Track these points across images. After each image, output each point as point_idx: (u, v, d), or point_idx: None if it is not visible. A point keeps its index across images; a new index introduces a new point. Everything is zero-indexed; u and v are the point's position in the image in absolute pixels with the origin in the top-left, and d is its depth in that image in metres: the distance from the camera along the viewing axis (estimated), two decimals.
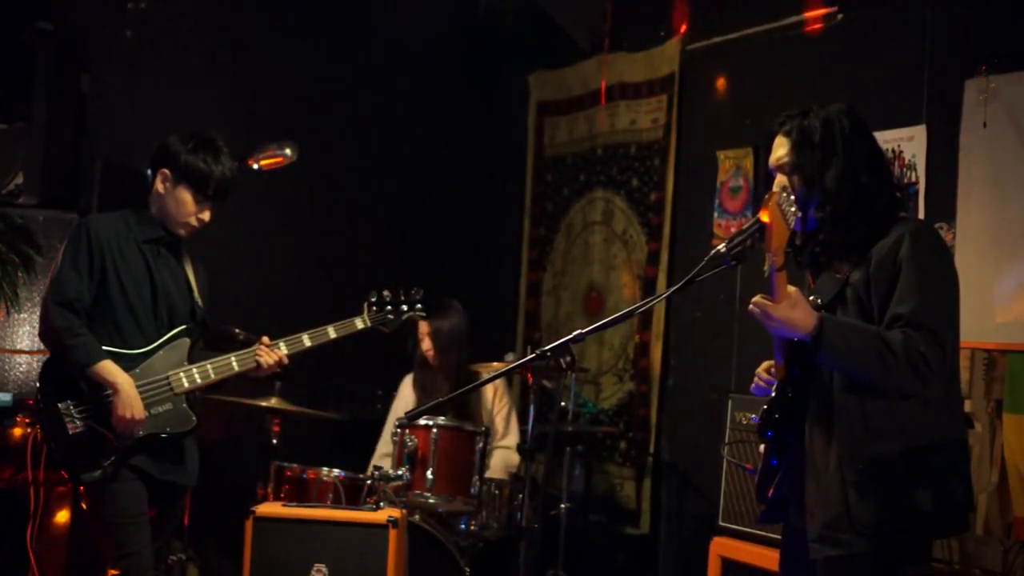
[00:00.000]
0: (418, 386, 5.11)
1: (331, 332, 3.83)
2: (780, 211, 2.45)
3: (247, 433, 5.02)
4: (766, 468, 2.76)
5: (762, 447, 2.76)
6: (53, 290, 3.48)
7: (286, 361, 3.72)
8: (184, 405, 3.57)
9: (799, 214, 2.54)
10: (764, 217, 2.46)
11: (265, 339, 3.73)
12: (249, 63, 5.59)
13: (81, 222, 3.68)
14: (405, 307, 4.01)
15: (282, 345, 3.74)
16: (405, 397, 5.17)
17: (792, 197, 2.52)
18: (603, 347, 5.70)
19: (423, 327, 5.01)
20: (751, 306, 2.56)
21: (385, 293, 3.99)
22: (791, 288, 2.53)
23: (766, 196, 2.49)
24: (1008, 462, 3.82)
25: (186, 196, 3.59)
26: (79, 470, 3.43)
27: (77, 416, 3.43)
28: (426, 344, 5.02)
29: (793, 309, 2.53)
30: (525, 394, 5.61)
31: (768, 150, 2.81)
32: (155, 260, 3.60)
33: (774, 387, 2.74)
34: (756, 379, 2.89)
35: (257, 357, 3.68)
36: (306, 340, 3.77)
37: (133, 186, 3.97)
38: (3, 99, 4.67)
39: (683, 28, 5.32)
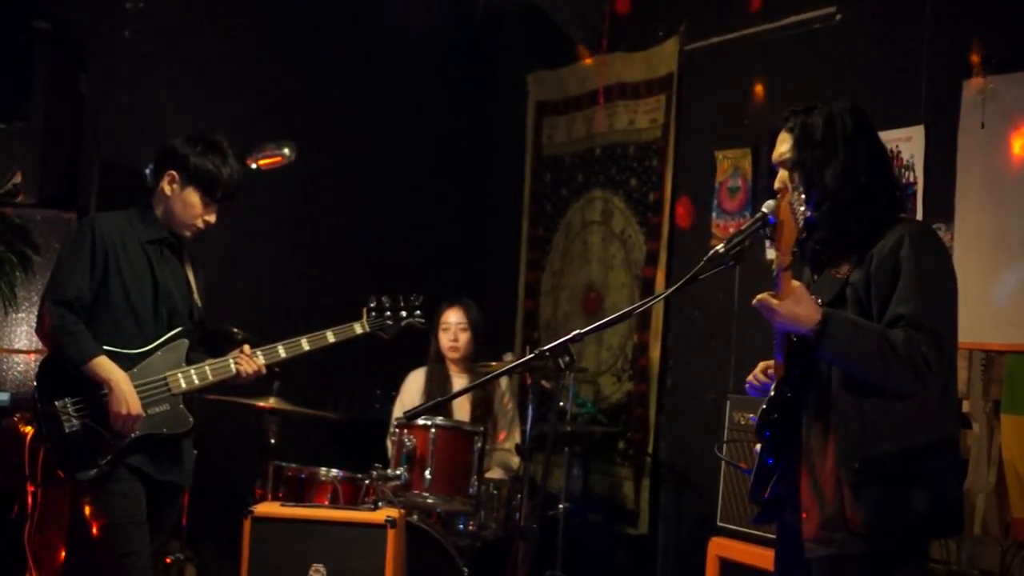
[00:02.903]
0: (430, 382, 5.10)
1: (329, 336, 3.81)
2: (791, 210, 2.46)
3: (245, 433, 5.01)
4: (761, 468, 2.75)
5: (757, 447, 2.76)
6: (52, 287, 3.47)
7: (264, 371, 3.70)
8: (181, 406, 3.56)
9: (808, 213, 2.55)
10: (776, 215, 2.46)
11: (246, 348, 3.69)
12: (247, 63, 5.59)
13: (86, 220, 3.68)
14: (404, 313, 4.00)
15: (280, 348, 3.73)
16: (412, 393, 5.17)
17: (803, 196, 2.53)
18: (602, 347, 5.70)
19: (456, 319, 5.04)
20: (755, 301, 2.57)
21: (384, 299, 3.97)
22: (796, 283, 2.55)
23: (779, 195, 2.50)
24: (1006, 462, 3.82)
25: (194, 198, 3.59)
26: (75, 469, 3.42)
27: (73, 414, 3.42)
28: (461, 338, 5.03)
29: (798, 304, 2.54)
30: (524, 394, 5.61)
31: (771, 145, 2.81)
32: (158, 260, 3.60)
33: (773, 387, 2.74)
34: (752, 378, 2.89)
35: (236, 365, 3.65)
36: (304, 344, 3.76)
37: (131, 186, 3.98)
38: (1, 99, 4.66)
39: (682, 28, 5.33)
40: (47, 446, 3.48)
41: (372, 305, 3.95)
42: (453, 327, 5.08)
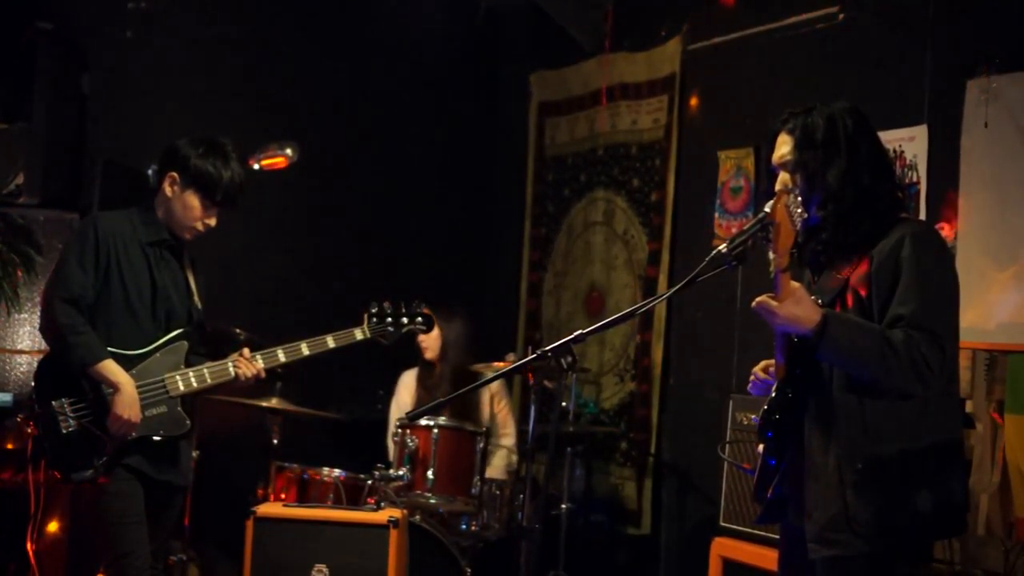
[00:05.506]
0: (421, 383, 5.13)
1: (330, 342, 3.79)
2: (788, 212, 2.46)
3: (247, 433, 5.01)
4: (764, 468, 2.75)
5: (760, 447, 2.76)
6: (58, 285, 3.46)
7: (263, 375, 3.69)
8: (179, 408, 3.55)
9: (806, 215, 2.55)
10: (772, 217, 2.46)
11: (246, 351, 3.68)
12: (249, 63, 5.59)
13: (88, 219, 3.67)
14: (405, 320, 3.98)
15: (280, 352, 3.72)
16: (407, 392, 5.18)
17: (799, 199, 2.53)
18: (604, 347, 5.70)
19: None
20: (754, 304, 2.56)
21: (386, 304, 3.94)
22: (795, 284, 2.54)
23: (775, 197, 2.49)
24: (1010, 463, 3.81)
25: (194, 201, 3.58)
26: (70, 469, 3.42)
27: (71, 415, 3.42)
28: (425, 345, 5.03)
29: (797, 305, 2.53)
30: (526, 394, 5.62)
31: (771, 147, 2.80)
32: (157, 262, 3.59)
33: (774, 387, 2.74)
34: (753, 377, 2.89)
35: (235, 368, 3.64)
36: (304, 349, 3.75)
37: (133, 186, 3.98)
38: (4, 99, 4.67)
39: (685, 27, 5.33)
40: (43, 446, 3.47)
41: (373, 311, 3.93)
42: (424, 338, 5.05)
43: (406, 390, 5.21)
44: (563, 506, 4.89)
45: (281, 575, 3.96)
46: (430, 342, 5.03)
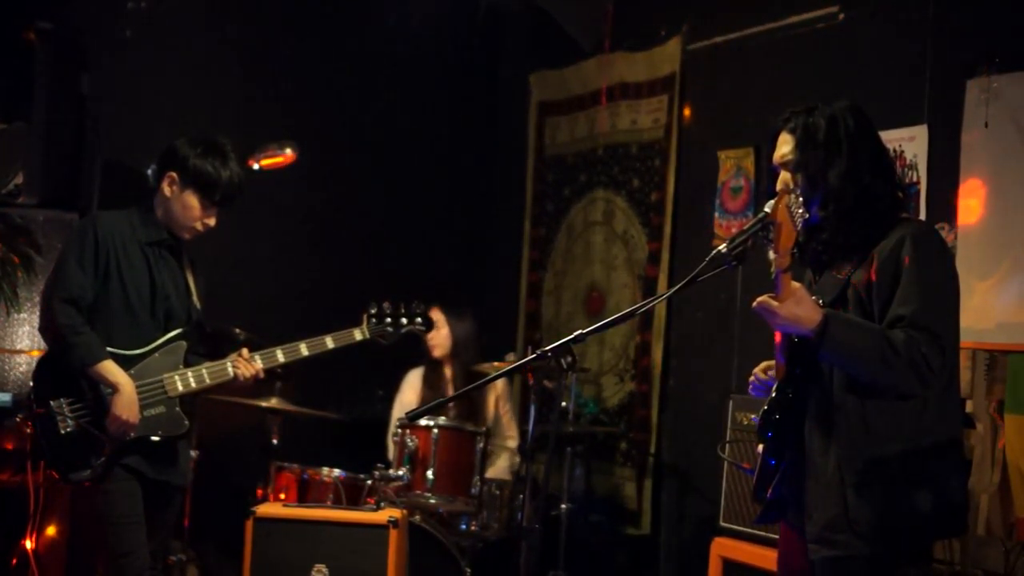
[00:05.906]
0: (427, 383, 5.13)
1: (329, 342, 3.80)
2: (789, 212, 2.45)
3: (247, 433, 5.01)
4: (764, 468, 2.75)
5: (760, 447, 2.75)
6: (57, 285, 3.47)
7: (262, 376, 3.70)
8: (177, 408, 3.56)
9: (807, 215, 2.54)
10: (773, 217, 2.45)
11: (245, 352, 3.69)
12: (249, 64, 5.59)
13: (87, 219, 3.68)
14: (405, 320, 3.98)
15: (279, 353, 3.72)
16: (412, 391, 5.18)
17: (801, 199, 2.52)
18: (604, 347, 5.70)
19: (434, 317, 5.03)
20: (755, 304, 2.56)
21: (385, 305, 3.94)
22: (795, 284, 2.53)
23: (776, 196, 2.49)
24: (1010, 463, 3.81)
25: (192, 201, 3.58)
26: (69, 469, 3.43)
27: (69, 415, 3.42)
28: (434, 343, 5.02)
29: (798, 305, 2.53)
30: (526, 394, 5.62)
31: (772, 147, 2.80)
32: (156, 262, 3.60)
33: (774, 387, 2.73)
34: (753, 378, 2.88)
35: (234, 369, 3.64)
36: (303, 349, 3.76)
37: (133, 186, 3.97)
38: (3, 99, 4.66)
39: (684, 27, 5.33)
40: (41, 446, 3.47)
41: (373, 311, 3.93)
42: (437, 333, 5.06)
43: (411, 389, 5.20)
44: (563, 506, 4.89)
45: (281, 575, 3.96)
46: (439, 340, 5.04)
